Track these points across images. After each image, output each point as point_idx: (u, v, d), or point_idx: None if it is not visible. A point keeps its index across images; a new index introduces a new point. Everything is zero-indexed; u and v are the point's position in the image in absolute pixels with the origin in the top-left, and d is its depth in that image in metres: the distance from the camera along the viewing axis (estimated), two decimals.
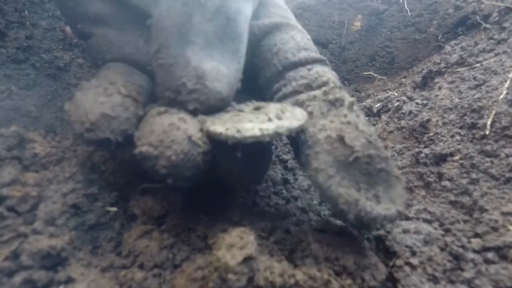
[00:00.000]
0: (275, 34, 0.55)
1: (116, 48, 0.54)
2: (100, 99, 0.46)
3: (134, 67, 0.54)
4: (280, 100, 0.53)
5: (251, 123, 0.43)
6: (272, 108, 0.48)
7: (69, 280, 0.44)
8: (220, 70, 0.46)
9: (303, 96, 0.51)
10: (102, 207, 0.54)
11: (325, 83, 0.52)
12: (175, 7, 0.43)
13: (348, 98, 0.50)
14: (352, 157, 0.45)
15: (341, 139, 0.46)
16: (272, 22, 0.56)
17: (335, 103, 0.50)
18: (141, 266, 0.48)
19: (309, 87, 0.52)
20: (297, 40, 0.55)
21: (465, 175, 0.62)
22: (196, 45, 0.44)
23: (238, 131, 0.42)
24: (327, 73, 0.53)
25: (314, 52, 0.55)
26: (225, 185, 0.58)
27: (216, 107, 0.47)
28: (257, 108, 0.49)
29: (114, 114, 0.46)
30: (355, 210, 0.43)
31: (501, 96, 0.66)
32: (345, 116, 0.48)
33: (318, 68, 0.53)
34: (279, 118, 0.45)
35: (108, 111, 0.45)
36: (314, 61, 0.54)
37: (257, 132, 0.42)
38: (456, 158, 0.65)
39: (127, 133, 0.47)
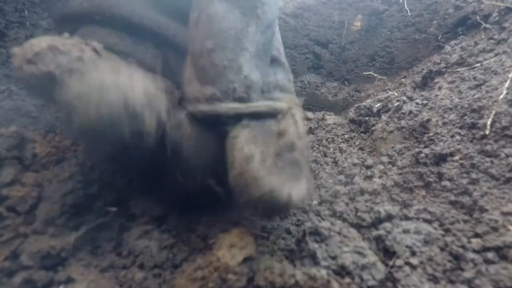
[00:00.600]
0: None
1: (98, 37, 0.51)
2: (52, 38, 0.42)
3: (112, 22, 0.51)
4: None
5: None
6: None
7: (69, 280, 0.44)
8: (259, 82, 0.48)
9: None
10: (102, 207, 0.54)
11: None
12: (234, 12, 0.44)
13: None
14: (275, 129, 0.45)
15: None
16: None
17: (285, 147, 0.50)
18: (141, 266, 0.48)
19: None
20: (277, 78, 0.55)
21: (465, 175, 0.62)
22: (248, 53, 0.45)
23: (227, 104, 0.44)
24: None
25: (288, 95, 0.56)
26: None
27: None
28: None
29: (63, 49, 0.41)
30: (240, 168, 0.41)
31: (501, 96, 0.66)
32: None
33: None
34: None
35: (57, 44, 0.40)
36: None
37: (253, 103, 0.45)
38: (456, 158, 0.65)
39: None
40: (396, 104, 0.90)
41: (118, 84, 0.37)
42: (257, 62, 0.47)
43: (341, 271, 0.46)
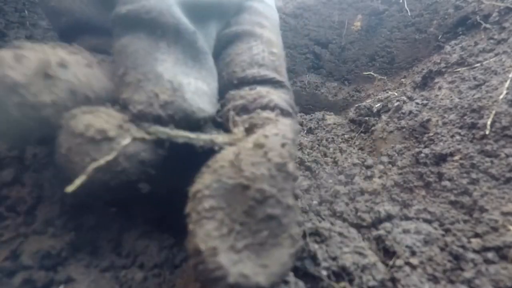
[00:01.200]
0: (234, 43, 0.49)
1: (86, 42, 0.49)
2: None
3: (86, 27, 0.49)
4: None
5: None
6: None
7: (69, 280, 0.44)
8: (199, 86, 0.40)
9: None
10: (102, 207, 0.54)
11: (265, 107, 0.43)
12: (139, 35, 0.40)
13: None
14: (234, 182, 0.33)
15: (236, 159, 0.35)
16: (234, 31, 0.50)
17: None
18: (141, 266, 0.48)
19: (245, 109, 0.43)
20: (253, 53, 0.47)
21: (465, 175, 0.62)
22: (166, 62, 0.39)
23: (171, 128, 0.38)
24: (272, 94, 0.44)
25: (269, 70, 0.46)
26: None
27: (194, 128, 0.39)
28: None
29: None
30: (198, 258, 0.31)
31: (501, 96, 0.66)
32: (265, 137, 0.37)
33: (262, 88, 0.44)
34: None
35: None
36: (264, 81, 0.45)
37: (191, 135, 0.38)
38: (456, 158, 0.65)
39: None
40: (396, 104, 0.90)
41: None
42: (184, 69, 0.40)
43: (342, 272, 0.46)
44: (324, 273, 0.47)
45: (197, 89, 0.40)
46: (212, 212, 0.33)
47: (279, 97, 0.45)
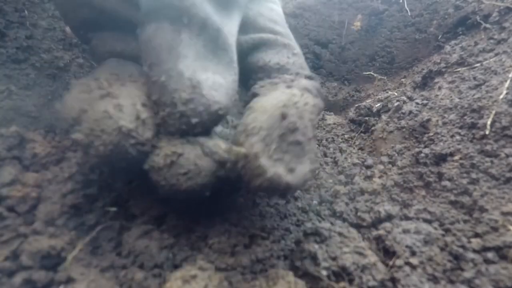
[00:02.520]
0: (261, 50, 0.57)
1: (109, 46, 0.55)
2: (81, 96, 0.46)
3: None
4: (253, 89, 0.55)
5: None
6: None
7: (69, 280, 0.44)
8: (216, 80, 0.46)
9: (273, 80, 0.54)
10: (102, 207, 0.54)
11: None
12: (163, 26, 0.44)
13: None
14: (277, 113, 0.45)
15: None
16: (260, 37, 0.56)
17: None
18: (141, 266, 0.48)
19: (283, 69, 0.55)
20: (275, 61, 0.56)
21: (465, 175, 0.62)
22: (187, 58, 0.44)
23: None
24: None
25: (300, 68, 0.57)
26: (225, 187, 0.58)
27: (215, 119, 0.47)
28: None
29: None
30: (245, 160, 0.44)
31: (501, 96, 0.66)
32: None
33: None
34: None
35: (86, 107, 0.45)
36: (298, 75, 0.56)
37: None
38: (456, 158, 0.65)
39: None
40: (396, 104, 0.90)
41: (111, 115, 0.43)
42: (204, 63, 0.46)
43: (342, 272, 0.46)
44: (324, 273, 0.47)
45: (214, 83, 0.46)
46: (258, 130, 0.44)
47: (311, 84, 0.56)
